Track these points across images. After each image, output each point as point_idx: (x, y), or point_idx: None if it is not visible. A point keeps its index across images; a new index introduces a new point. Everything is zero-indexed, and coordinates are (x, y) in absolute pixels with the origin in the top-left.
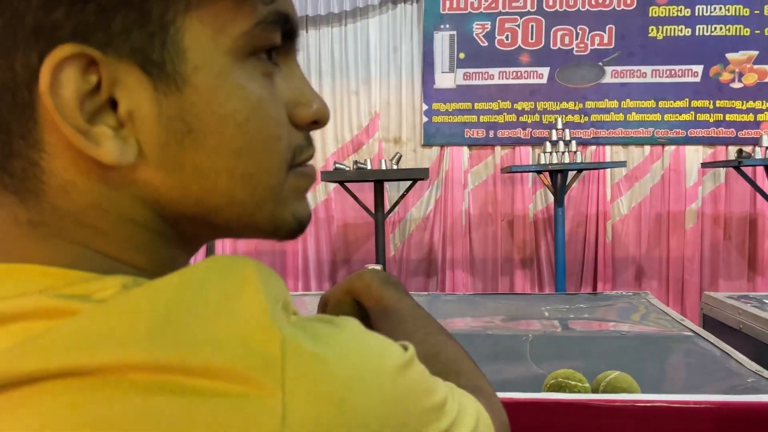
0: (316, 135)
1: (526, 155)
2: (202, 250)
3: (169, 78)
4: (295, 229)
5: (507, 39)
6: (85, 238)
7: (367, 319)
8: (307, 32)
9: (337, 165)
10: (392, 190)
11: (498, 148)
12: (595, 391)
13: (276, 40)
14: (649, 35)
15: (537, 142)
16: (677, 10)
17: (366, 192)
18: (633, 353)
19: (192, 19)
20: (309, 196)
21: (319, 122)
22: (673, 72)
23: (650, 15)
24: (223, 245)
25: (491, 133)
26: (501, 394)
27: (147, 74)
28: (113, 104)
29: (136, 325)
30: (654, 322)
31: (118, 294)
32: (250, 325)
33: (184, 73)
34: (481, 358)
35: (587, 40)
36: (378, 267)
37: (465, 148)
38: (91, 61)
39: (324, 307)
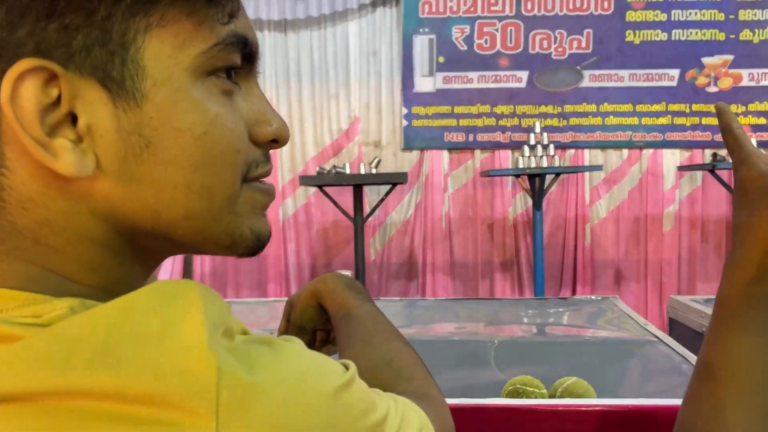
0: (296, 139)
1: (506, 159)
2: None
3: (128, 94)
4: (254, 245)
5: (486, 43)
6: (40, 257)
7: (329, 321)
8: (286, 36)
9: (319, 169)
10: (372, 194)
11: (478, 152)
12: (552, 396)
13: (235, 60)
14: (626, 39)
15: (516, 146)
16: (654, 15)
17: (345, 196)
18: (595, 358)
19: (152, 39)
20: (289, 200)
21: (278, 141)
22: (650, 76)
23: (627, 19)
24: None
25: (471, 137)
26: (459, 401)
27: (107, 90)
28: (73, 118)
29: (76, 352)
30: (619, 327)
31: (63, 317)
32: (188, 353)
33: (143, 90)
34: (446, 365)
35: (565, 44)
36: (347, 272)
37: (445, 152)
38: (52, 75)
39: (290, 310)
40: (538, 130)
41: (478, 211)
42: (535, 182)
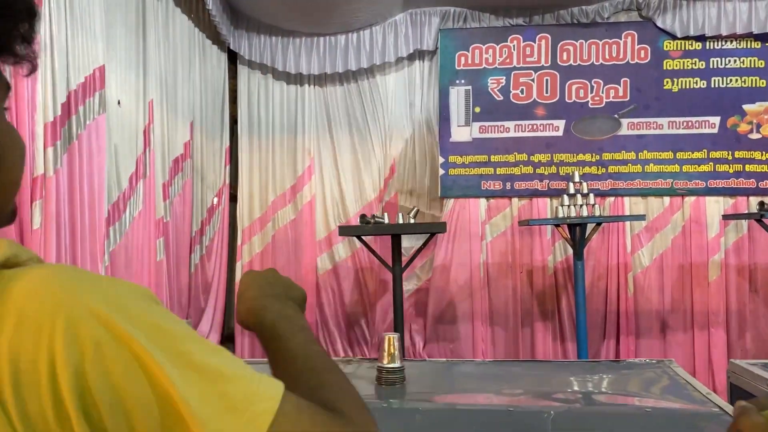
0: (335, 190)
1: (544, 206)
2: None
3: None
4: None
5: (522, 93)
6: None
7: None
8: (325, 89)
9: (361, 219)
10: (409, 242)
11: (515, 200)
12: None
13: None
14: (665, 87)
15: (554, 194)
16: (692, 63)
17: (378, 244)
18: None
19: None
20: (325, 251)
21: None
22: (689, 123)
23: (665, 68)
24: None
25: (508, 185)
26: None
27: None
28: None
29: None
30: (679, 396)
31: None
32: None
33: None
34: None
35: (602, 93)
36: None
37: (482, 200)
38: None
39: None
40: (577, 178)
41: (516, 259)
42: (576, 231)
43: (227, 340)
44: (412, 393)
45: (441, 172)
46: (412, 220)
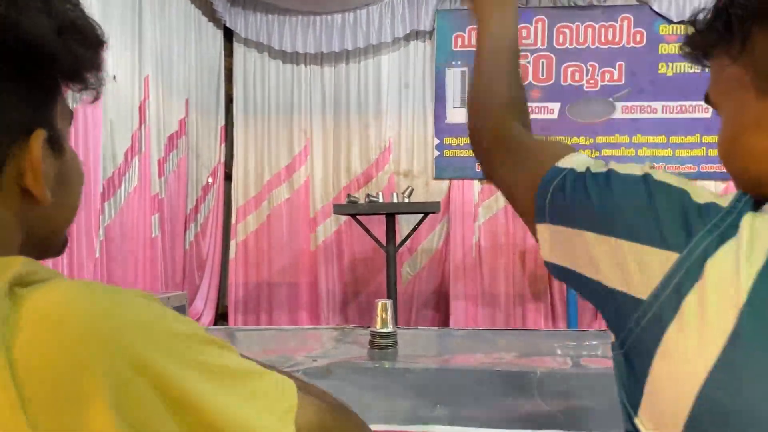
0: (329, 168)
1: None
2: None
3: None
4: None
5: None
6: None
7: None
8: (322, 68)
9: (350, 197)
10: (402, 223)
11: None
12: None
13: None
14: (659, 71)
15: None
16: None
17: (375, 224)
18: None
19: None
20: (320, 228)
21: None
22: (683, 108)
23: (660, 52)
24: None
25: None
26: None
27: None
28: None
29: None
30: None
31: None
32: None
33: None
34: (489, 393)
35: (597, 76)
36: (387, 301)
37: (476, 182)
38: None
39: None
40: None
41: (509, 240)
42: None
43: (221, 317)
44: (403, 356)
45: (436, 153)
46: (406, 200)
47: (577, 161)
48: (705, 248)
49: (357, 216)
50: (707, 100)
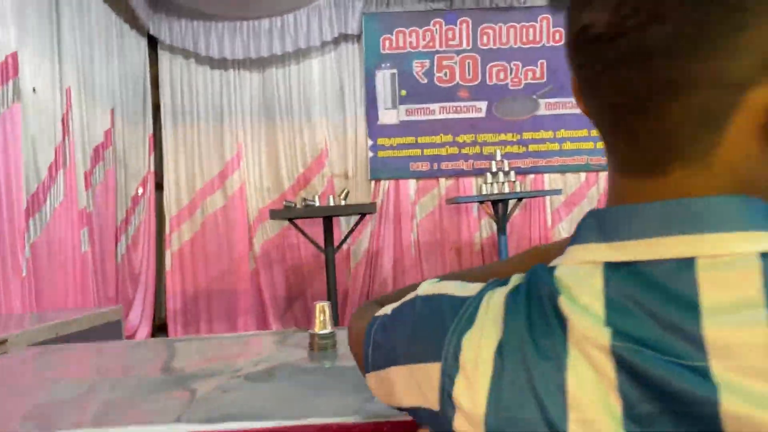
0: (266, 173)
1: (470, 185)
2: None
3: None
4: None
5: (445, 76)
6: None
7: None
8: (251, 74)
9: (287, 203)
10: (342, 225)
11: (443, 180)
12: None
13: None
14: None
15: (479, 173)
16: None
17: (316, 227)
18: None
19: None
20: (259, 234)
21: None
22: None
23: None
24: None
25: (435, 166)
26: None
27: None
28: None
29: None
30: None
31: None
32: None
33: None
34: None
35: (521, 74)
36: (325, 303)
37: (412, 181)
38: None
39: None
40: (499, 157)
41: (446, 237)
42: (499, 208)
43: (159, 330)
44: (342, 355)
45: (370, 154)
46: (343, 202)
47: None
48: (455, 344)
49: (295, 220)
50: None
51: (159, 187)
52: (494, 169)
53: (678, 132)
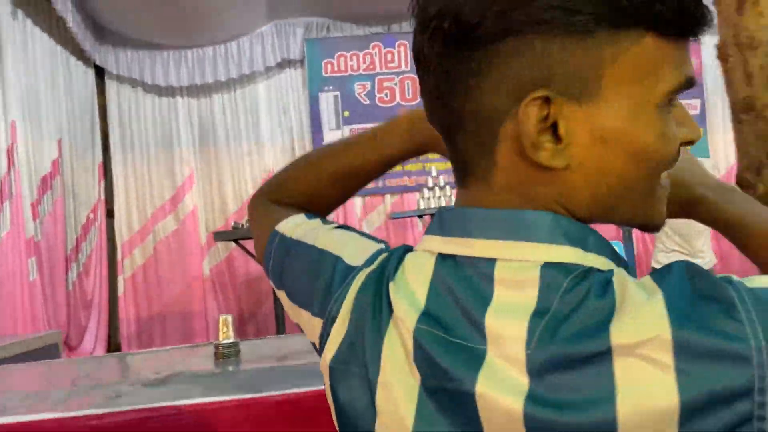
0: (215, 198)
1: (414, 201)
2: None
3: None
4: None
5: (386, 96)
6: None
7: None
8: (198, 100)
9: (234, 224)
10: None
11: (388, 196)
12: None
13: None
14: None
15: (421, 189)
16: None
17: None
18: None
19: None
20: (210, 256)
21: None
22: None
23: None
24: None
25: (381, 183)
26: None
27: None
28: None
29: None
30: None
31: None
32: None
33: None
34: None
35: None
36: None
37: (358, 199)
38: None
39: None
40: (434, 173)
41: None
42: None
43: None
44: (246, 361)
45: None
46: None
47: (288, 225)
48: (335, 311)
49: (242, 241)
50: None
51: (110, 214)
52: (431, 185)
53: (467, 157)
